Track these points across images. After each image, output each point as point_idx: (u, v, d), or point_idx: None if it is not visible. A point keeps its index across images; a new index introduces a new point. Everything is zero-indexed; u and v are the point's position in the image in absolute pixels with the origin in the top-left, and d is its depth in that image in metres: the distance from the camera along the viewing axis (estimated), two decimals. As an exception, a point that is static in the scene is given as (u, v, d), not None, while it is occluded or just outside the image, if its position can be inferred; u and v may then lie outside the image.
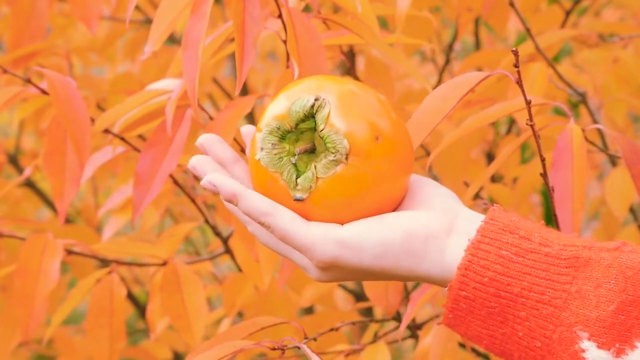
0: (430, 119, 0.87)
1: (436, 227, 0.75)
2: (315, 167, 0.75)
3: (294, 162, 0.76)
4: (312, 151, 0.76)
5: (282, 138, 0.77)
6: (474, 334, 0.75)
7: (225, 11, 1.99)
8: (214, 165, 0.79)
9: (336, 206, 0.75)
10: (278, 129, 0.76)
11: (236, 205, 0.76)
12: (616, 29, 1.83)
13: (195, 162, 0.80)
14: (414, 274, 0.76)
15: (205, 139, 0.81)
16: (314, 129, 0.76)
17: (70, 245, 1.24)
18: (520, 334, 0.73)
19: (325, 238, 0.75)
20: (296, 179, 0.76)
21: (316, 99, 0.75)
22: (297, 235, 0.75)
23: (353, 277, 0.78)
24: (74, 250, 1.26)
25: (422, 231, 0.75)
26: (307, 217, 0.76)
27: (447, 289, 0.75)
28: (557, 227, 1.00)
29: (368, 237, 0.74)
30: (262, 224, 0.76)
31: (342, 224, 0.75)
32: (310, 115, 0.76)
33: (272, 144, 0.76)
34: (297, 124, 0.76)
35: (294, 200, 0.75)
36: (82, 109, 1.09)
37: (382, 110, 0.76)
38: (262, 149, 0.76)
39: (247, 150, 0.80)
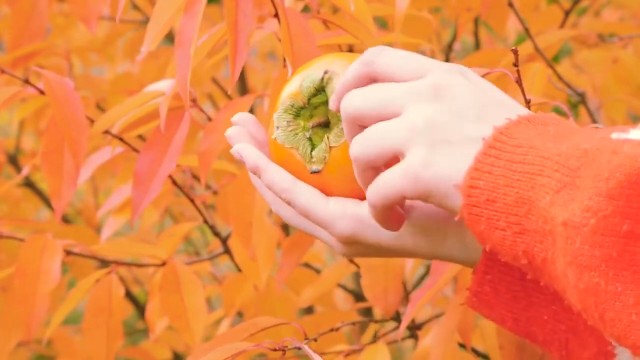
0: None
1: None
2: (327, 138, 0.76)
3: (308, 136, 0.77)
4: (326, 125, 0.77)
5: (297, 115, 0.78)
6: (497, 316, 0.73)
7: (223, 11, 1.98)
8: (248, 138, 0.79)
9: (351, 173, 0.74)
10: (292, 106, 0.78)
11: (260, 178, 0.76)
12: (616, 29, 1.83)
13: (232, 133, 0.80)
14: (435, 254, 0.74)
15: (240, 117, 0.80)
16: (327, 103, 0.77)
17: (70, 245, 1.24)
18: (545, 317, 0.71)
19: (344, 214, 0.74)
20: (311, 152, 0.76)
21: (325, 72, 0.76)
22: (317, 211, 0.74)
23: (377, 254, 0.77)
24: (74, 251, 1.26)
25: (442, 212, 0.74)
26: (327, 190, 0.76)
27: (471, 271, 0.73)
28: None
29: None
30: (283, 199, 0.76)
31: (362, 198, 0.74)
32: (321, 89, 0.77)
33: (287, 121, 0.78)
34: (309, 99, 0.77)
35: (311, 173, 0.76)
36: (79, 110, 1.09)
37: None
38: (277, 127, 0.78)
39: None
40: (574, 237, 0.60)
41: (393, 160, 0.69)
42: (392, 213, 0.72)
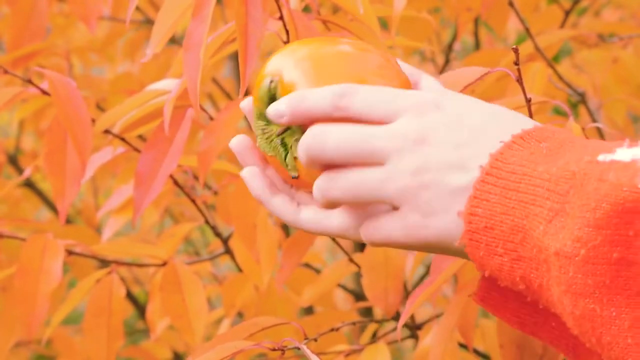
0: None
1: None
2: (291, 148, 0.74)
3: (280, 143, 0.75)
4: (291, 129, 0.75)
5: (268, 121, 0.76)
6: (504, 317, 0.74)
7: (225, 12, 1.99)
8: (253, 159, 0.78)
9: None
10: (260, 113, 0.76)
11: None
12: (616, 29, 1.83)
13: (236, 147, 0.78)
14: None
15: (237, 144, 0.78)
16: None
17: (71, 245, 1.25)
18: (553, 324, 0.72)
19: (351, 227, 0.74)
20: (285, 158, 0.75)
21: (271, 81, 0.74)
22: (327, 230, 0.75)
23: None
24: (74, 251, 1.26)
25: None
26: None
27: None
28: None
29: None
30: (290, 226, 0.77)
31: None
32: (273, 96, 0.74)
33: (262, 129, 0.76)
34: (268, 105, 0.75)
35: (292, 178, 0.75)
36: (82, 109, 1.09)
37: (364, 73, 0.73)
38: (257, 135, 0.76)
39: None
40: (567, 266, 0.62)
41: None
42: None
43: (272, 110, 0.72)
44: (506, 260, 0.66)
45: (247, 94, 2.24)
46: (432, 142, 0.69)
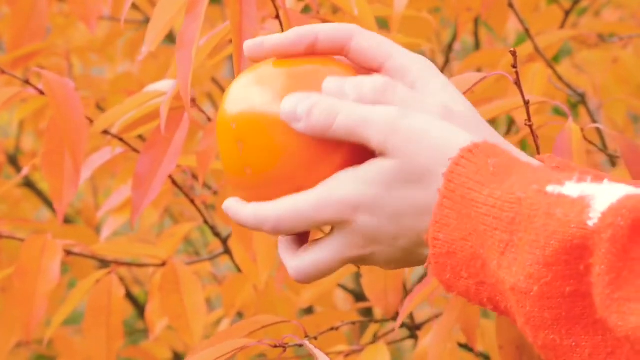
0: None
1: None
2: None
3: None
4: None
5: None
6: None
7: (224, 11, 1.99)
8: None
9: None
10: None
11: None
12: (616, 29, 1.83)
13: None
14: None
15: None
16: None
17: (70, 245, 1.25)
18: None
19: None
20: None
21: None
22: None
23: None
24: (74, 251, 1.26)
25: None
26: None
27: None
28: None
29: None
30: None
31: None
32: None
33: None
34: None
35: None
36: (79, 111, 1.09)
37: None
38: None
39: None
40: (524, 301, 0.63)
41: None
42: None
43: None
44: (472, 283, 0.67)
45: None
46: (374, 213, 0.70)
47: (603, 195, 0.60)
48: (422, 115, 0.69)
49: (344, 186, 0.69)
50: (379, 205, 0.68)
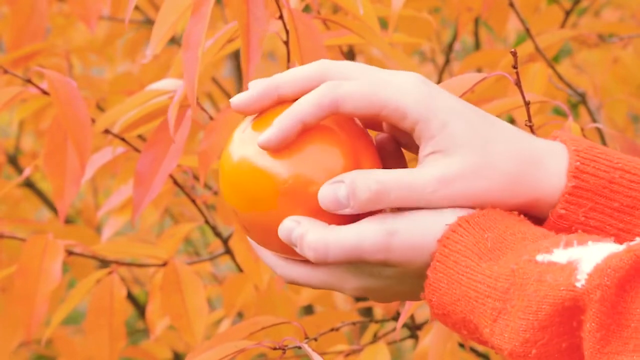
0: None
1: None
2: None
3: None
4: None
5: None
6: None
7: (224, 11, 1.99)
8: None
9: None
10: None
11: None
12: (616, 29, 1.82)
13: None
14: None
15: None
16: None
17: (71, 245, 1.25)
18: None
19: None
20: None
21: None
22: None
23: None
24: (74, 251, 1.26)
25: None
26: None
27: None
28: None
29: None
30: None
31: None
32: None
33: None
34: None
35: None
36: (82, 110, 1.09)
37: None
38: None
39: None
40: None
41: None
42: None
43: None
44: (473, 337, 0.70)
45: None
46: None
47: (588, 256, 0.63)
48: (413, 225, 0.70)
49: (355, 279, 0.72)
50: (393, 289, 0.73)
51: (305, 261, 0.73)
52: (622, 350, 0.61)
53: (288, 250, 0.72)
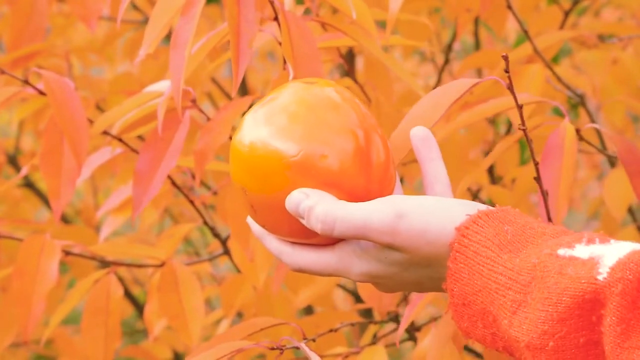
0: (421, 125, 0.87)
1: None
2: None
3: None
4: None
5: None
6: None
7: (224, 12, 1.98)
8: None
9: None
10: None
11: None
12: (615, 30, 1.82)
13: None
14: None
15: None
16: None
17: (69, 246, 1.25)
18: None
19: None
20: None
21: None
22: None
23: None
24: (73, 251, 1.26)
25: None
26: None
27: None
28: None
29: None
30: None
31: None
32: None
33: None
34: None
35: None
36: (79, 110, 1.09)
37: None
38: None
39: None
40: (539, 355, 0.66)
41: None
42: None
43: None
44: (487, 333, 0.71)
45: (244, 91, 2.22)
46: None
47: (611, 252, 0.64)
48: (418, 209, 0.72)
49: (361, 263, 0.74)
50: (399, 276, 0.74)
51: (311, 246, 0.75)
52: None
53: (294, 232, 0.74)
